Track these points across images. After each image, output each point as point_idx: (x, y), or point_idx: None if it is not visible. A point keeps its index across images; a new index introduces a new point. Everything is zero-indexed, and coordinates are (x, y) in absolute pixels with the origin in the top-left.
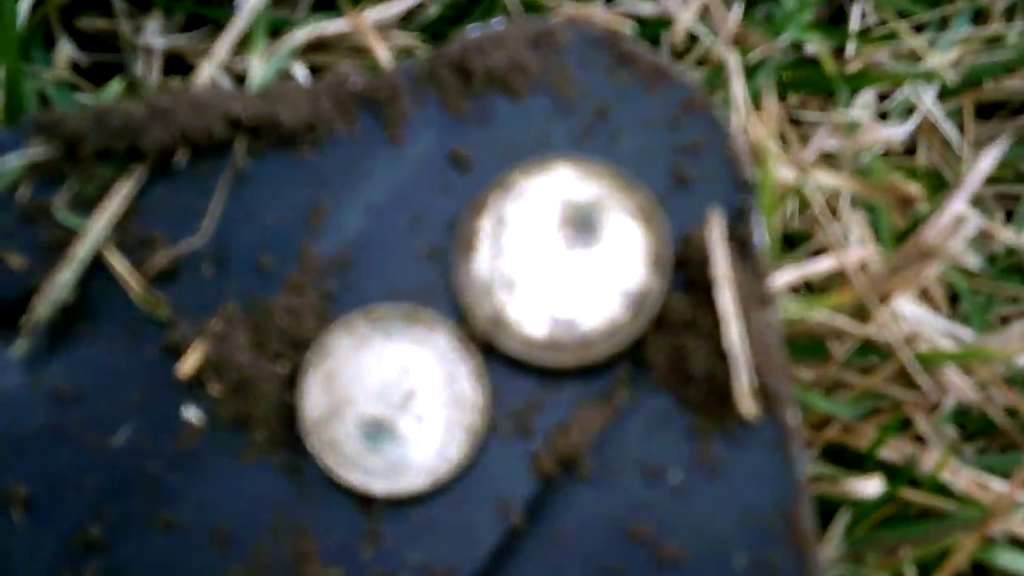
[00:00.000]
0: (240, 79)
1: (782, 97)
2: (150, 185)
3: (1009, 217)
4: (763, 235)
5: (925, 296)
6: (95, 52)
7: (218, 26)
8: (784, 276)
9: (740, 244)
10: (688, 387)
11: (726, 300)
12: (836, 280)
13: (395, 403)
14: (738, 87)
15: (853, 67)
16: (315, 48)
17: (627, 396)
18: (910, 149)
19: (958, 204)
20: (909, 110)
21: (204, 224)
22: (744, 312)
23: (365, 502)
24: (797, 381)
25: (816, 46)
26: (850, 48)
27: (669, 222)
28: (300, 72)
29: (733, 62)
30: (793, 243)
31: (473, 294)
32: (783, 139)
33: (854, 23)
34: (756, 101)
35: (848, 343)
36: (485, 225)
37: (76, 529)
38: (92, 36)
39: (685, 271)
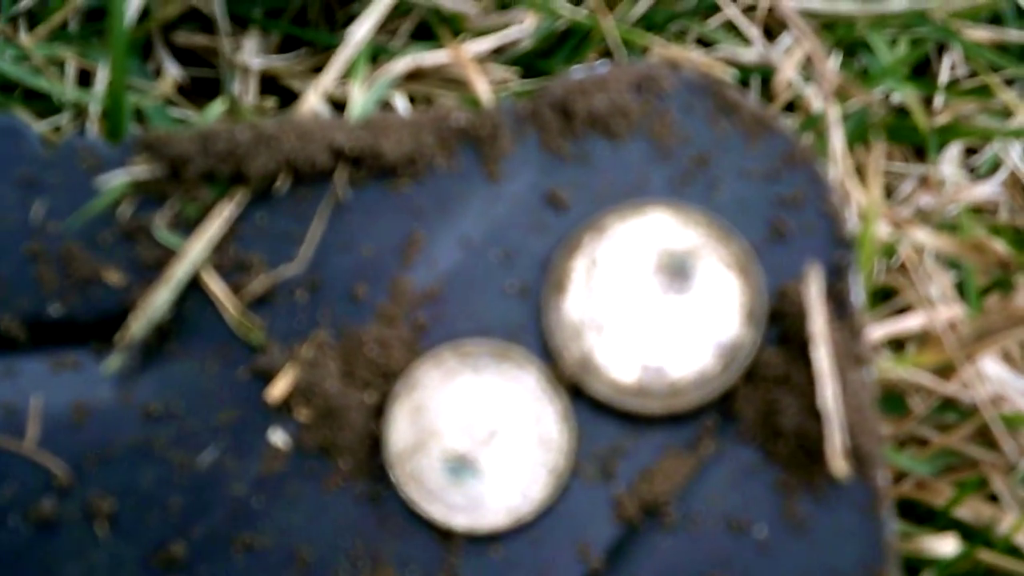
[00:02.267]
0: (338, 105)
1: (867, 145)
2: (250, 209)
3: None
4: (860, 293)
5: (1007, 357)
6: (188, 66)
7: (312, 47)
8: (875, 332)
9: (837, 301)
10: (777, 442)
11: (822, 358)
12: (918, 336)
13: (480, 439)
14: (837, 140)
15: (941, 119)
16: (413, 77)
17: (713, 447)
18: (995, 206)
19: None
20: (996, 166)
21: (301, 251)
22: (839, 371)
23: (445, 536)
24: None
25: (908, 98)
26: (938, 100)
27: (765, 274)
28: (400, 102)
29: (834, 115)
30: (875, 297)
31: (563, 335)
32: (865, 184)
33: (944, 75)
34: (851, 148)
35: (929, 399)
36: (578, 266)
37: (158, 546)
38: (185, 50)
39: (780, 325)
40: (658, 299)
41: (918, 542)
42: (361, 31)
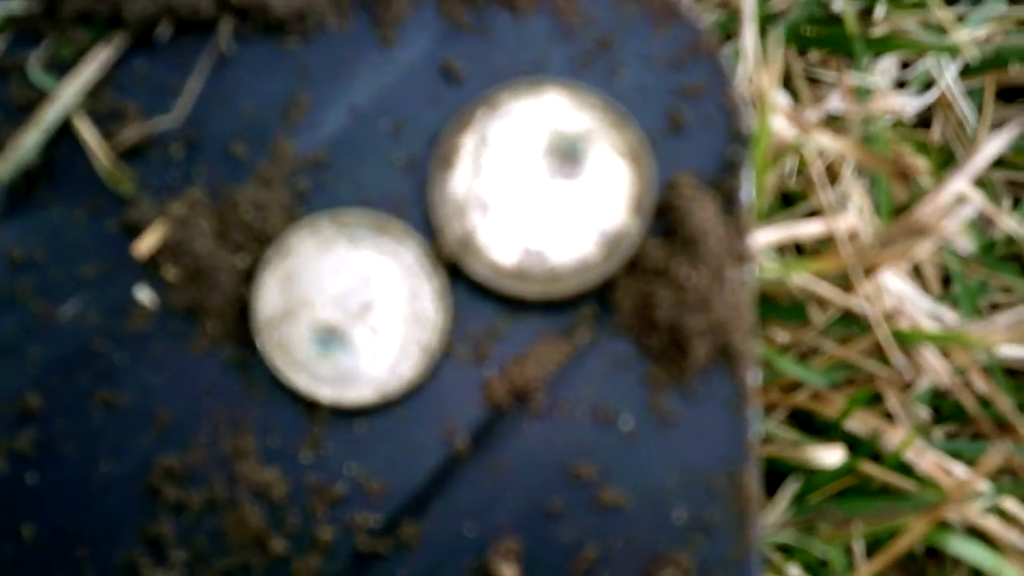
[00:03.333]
0: None
1: (802, 52)
2: (128, 55)
3: (1016, 205)
4: (750, 191)
5: (918, 274)
6: None
7: None
8: (771, 234)
9: (726, 197)
10: (651, 335)
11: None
12: (827, 247)
13: (352, 312)
14: (749, 35)
15: (878, 31)
16: None
17: (589, 336)
18: (924, 123)
19: (959, 183)
20: (928, 84)
21: (179, 103)
22: (720, 266)
23: (310, 407)
24: (772, 343)
25: (843, 4)
26: (879, 11)
27: (657, 165)
28: None
29: (748, 7)
30: (790, 202)
31: (446, 212)
32: (795, 96)
33: None
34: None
35: (829, 311)
36: (467, 142)
37: (14, 396)
38: None
39: (666, 218)
40: (546, 182)
41: (805, 451)
42: None
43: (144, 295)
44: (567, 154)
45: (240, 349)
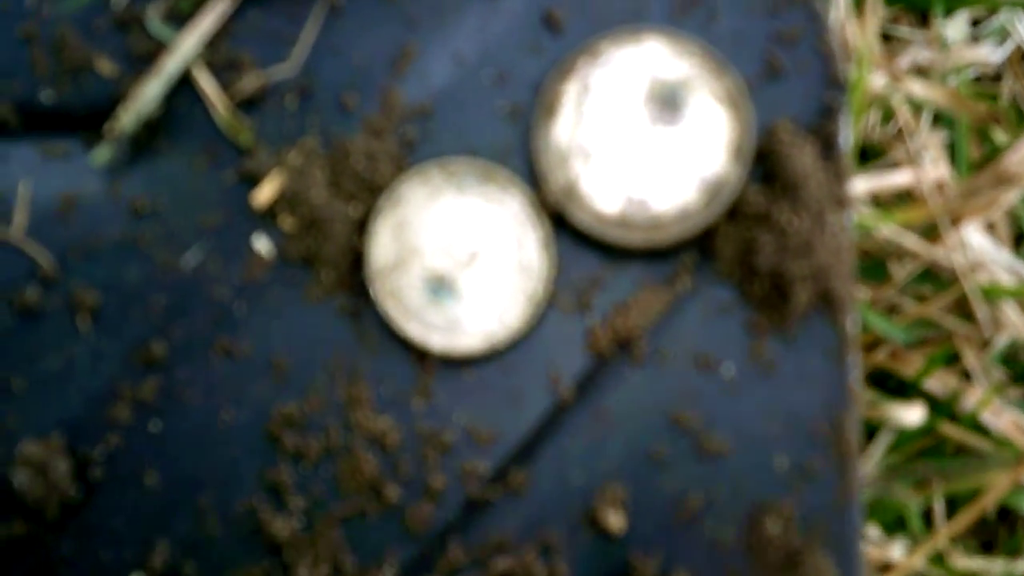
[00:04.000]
0: None
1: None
2: (244, 7)
3: None
4: (848, 136)
5: (992, 230)
6: None
7: None
8: (860, 184)
9: (824, 142)
10: (752, 282)
11: None
12: (905, 200)
13: (461, 260)
14: None
15: None
16: None
17: (690, 283)
18: (995, 78)
19: None
20: (1002, 39)
21: (294, 53)
22: (820, 211)
23: (421, 355)
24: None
25: None
26: None
27: (755, 111)
28: None
29: None
30: (867, 156)
31: (549, 161)
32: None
33: None
34: (857, 4)
35: (909, 266)
36: (569, 91)
37: (139, 344)
38: None
39: (765, 163)
40: (646, 129)
41: (885, 409)
42: None
43: (261, 245)
44: (667, 101)
45: (353, 298)
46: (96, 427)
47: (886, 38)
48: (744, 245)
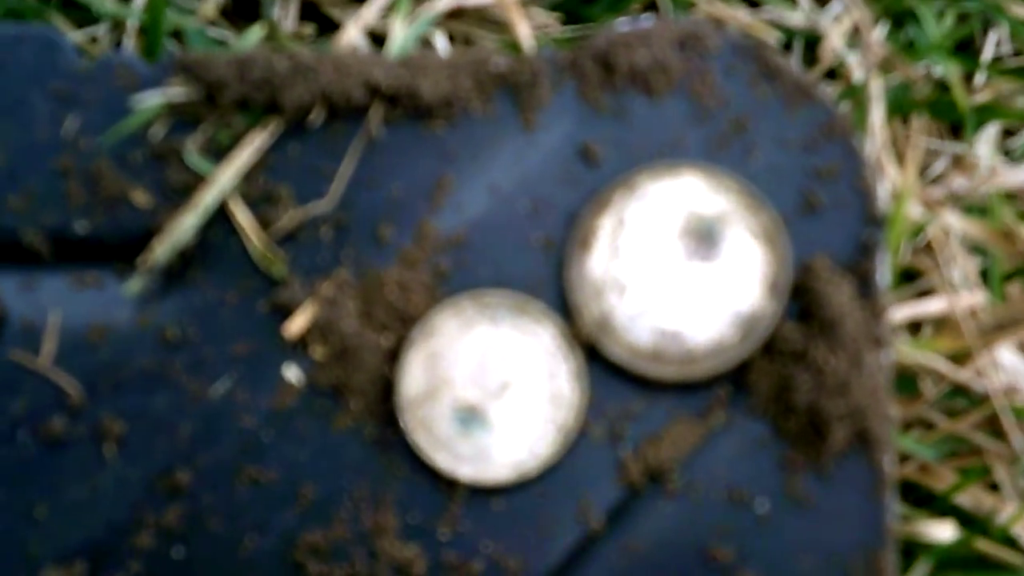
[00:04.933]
0: (377, 39)
1: (904, 119)
2: (282, 140)
3: None
4: (886, 274)
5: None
6: None
7: None
8: (896, 315)
9: (861, 280)
10: (788, 418)
11: None
12: (935, 318)
13: (491, 391)
14: (878, 114)
15: (981, 98)
16: (454, 15)
17: (724, 417)
18: None
19: None
20: None
21: (332, 189)
22: (858, 351)
23: (449, 485)
24: None
25: (950, 73)
26: (979, 78)
27: (792, 246)
28: (440, 41)
29: (876, 89)
30: (897, 277)
31: (583, 293)
32: (899, 158)
33: (988, 51)
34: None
35: (940, 383)
36: (605, 224)
37: (164, 472)
38: None
39: (802, 299)
40: (682, 264)
41: (916, 526)
42: None
43: (292, 373)
44: (703, 236)
45: (382, 427)
46: (119, 554)
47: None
48: (780, 381)
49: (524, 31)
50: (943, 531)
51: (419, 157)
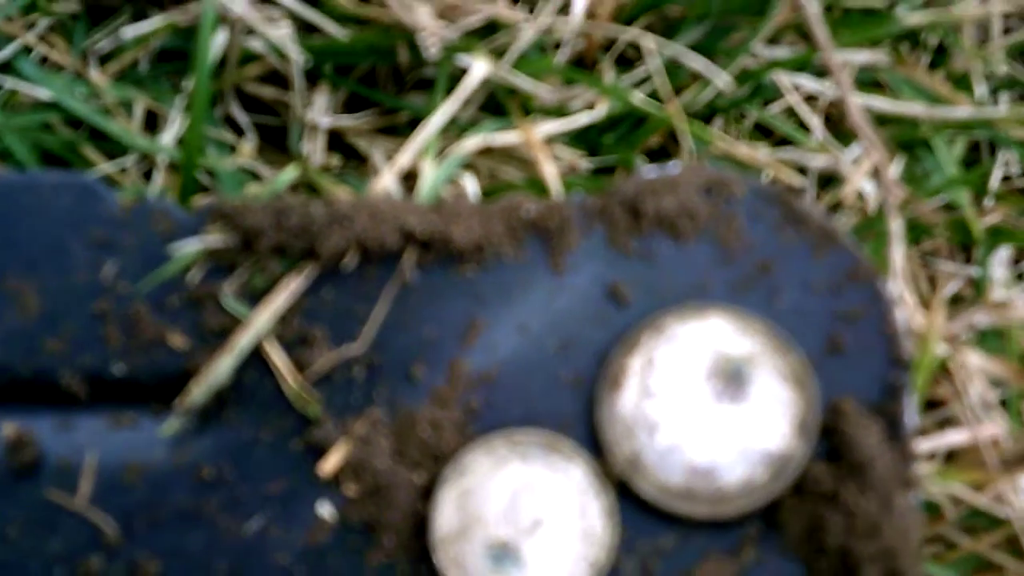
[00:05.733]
0: (405, 176)
1: (915, 241)
2: (317, 284)
3: None
4: (914, 415)
5: None
6: (251, 112)
7: (379, 106)
8: (921, 446)
9: (889, 422)
10: (819, 558)
11: None
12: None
13: (524, 528)
14: (899, 255)
15: (991, 219)
16: (481, 153)
17: (755, 555)
18: None
19: None
20: None
21: (365, 331)
22: (888, 493)
23: None
24: None
25: (962, 200)
26: (988, 201)
27: (820, 388)
28: (470, 183)
29: (897, 229)
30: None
31: (614, 432)
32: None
33: (997, 175)
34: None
35: (961, 506)
36: (635, 364)
37: None
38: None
39: (830, 440)
40: (711, 404)
41: None
42: (439, 118)
43: (325, 510)
44: (732, 377)
45: (415, 564)
46: None
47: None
48: (811, 522)
49: (550, 170)
50: None
51: (451, 299)
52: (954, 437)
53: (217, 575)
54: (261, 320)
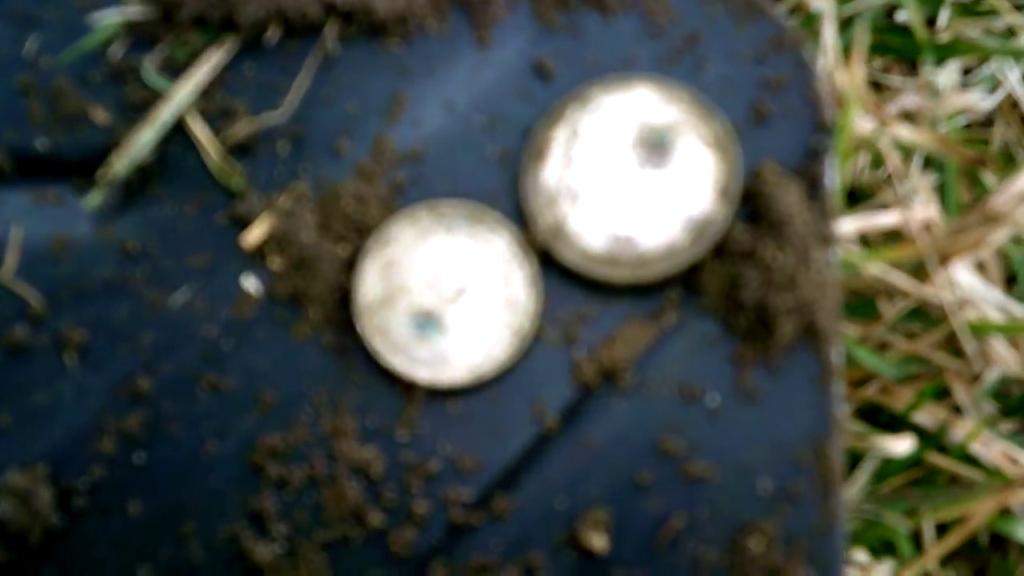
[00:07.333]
0: None
1: (867, 59)
2: (238, 58)
3: None
4: (834, 177)
5: (981, 270)
6: None
7: None
8: (849, 224)
9: (810, 183)
10: (737, 315)
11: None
12: (894, 241)
13: (447, 297)
14: (830, 32)
15: (943, 37)
16: None
17: (675, 318)
18: (985, 123)
19: None
20: (992, 88)
21: (286, 101)
22: (805, 248)
23: (406, 388)
24: (844, 334)
25: (910, 12)
26: (943, 16)
27: (743, 154)
28: None
29: (828, 8)
30: (856, 199)
31: (538, 202)
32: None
33: None
34: (845, 55)
35: (899, 304)
36: (559, 135)
37: (125, 380)
38: None
39: (752, 204)
40: (635, 172)
41: (874, 441)
42: None
43: (250, 284)
44: (655, 145)
45: (340, 334)
46: (80, 459)
47: (876, 86)
48: (730, 280)
49: None
50: (900, 445)
51: (375, 73)
52: (884, 218)
53: (143, 346)
54: (182, 93)
